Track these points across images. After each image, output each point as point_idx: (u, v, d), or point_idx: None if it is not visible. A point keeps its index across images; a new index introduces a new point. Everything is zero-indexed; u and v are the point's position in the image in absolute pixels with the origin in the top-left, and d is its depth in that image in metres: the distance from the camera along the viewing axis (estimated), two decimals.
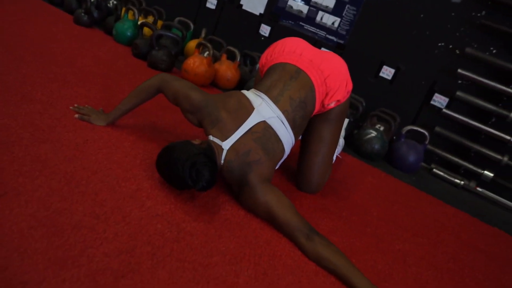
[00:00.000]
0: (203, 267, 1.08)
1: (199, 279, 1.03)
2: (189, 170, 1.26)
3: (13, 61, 1.98)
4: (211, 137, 1.42)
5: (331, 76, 1.56)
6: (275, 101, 1.48)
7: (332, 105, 1.59)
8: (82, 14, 3.29)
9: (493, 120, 2.73)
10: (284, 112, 1.47)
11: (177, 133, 1.88)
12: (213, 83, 2.96)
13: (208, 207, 1.37)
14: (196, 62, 2.79)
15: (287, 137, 1.48)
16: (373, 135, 2.58)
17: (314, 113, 1.60)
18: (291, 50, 1.61)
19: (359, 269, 1.24)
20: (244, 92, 1.52)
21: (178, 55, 3.14)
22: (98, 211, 1.14)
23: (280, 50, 1.62)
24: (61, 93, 1.81)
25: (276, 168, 1.52)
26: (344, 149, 2.56)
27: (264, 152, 1.41)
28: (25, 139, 1.35)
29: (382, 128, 2.71)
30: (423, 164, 2.85)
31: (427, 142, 2.72)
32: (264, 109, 1.45)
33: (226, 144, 1.39)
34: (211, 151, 1.37)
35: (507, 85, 2.60)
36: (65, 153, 1.37)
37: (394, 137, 2.81)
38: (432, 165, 2.89)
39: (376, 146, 2.56)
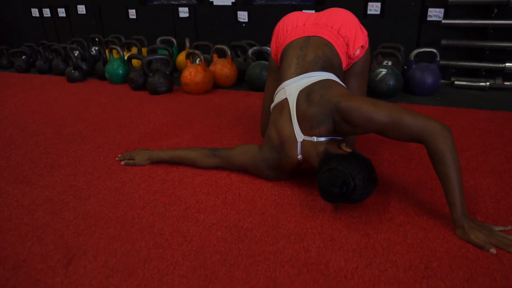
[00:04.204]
0: (273, 254, 1.11)
1: (274, 266, 1.06)
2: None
3: (31, 137, 2.06)
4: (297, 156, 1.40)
5: (343, 27, 1.53)
6: (296, 74, 1.46)
7: (358, 52, 1.56)
8: (72, 71, 3.38)
9: (495, 11, 2.65)
10: (306, 71, 1.44)
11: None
12: (214, 84, 2.98)
13: (255, 200, 1.40)
14: (192, 72, 2.81)
15: (324, 76, 1.43)
16: (384, 72, 2.54)
17: (344, 67, 1.57)
18: (293, 25, 1.59)
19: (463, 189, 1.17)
20: (273, 104, 1.53)
21: (173, 73, 3.18)
22: (160, 240, 1.19)
23: (284, 31, 1.61)
24: (83, 150, 1.88)
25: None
26: None
27: (321, 90, 1.37)
28: (70, 202, 1.42)
29: (390, 63, 2.67)
30: (442, 81, 2.80)
31: (438, 58, 2.66)
32: (292, 92, 1.43)
33: (299, 137, 1.38)
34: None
35: None
36: (110, 200, 1.42)
37: (405, 67, 2.77)
38: (452, 79, 2.83)
39: (391, 82, 2.53)
